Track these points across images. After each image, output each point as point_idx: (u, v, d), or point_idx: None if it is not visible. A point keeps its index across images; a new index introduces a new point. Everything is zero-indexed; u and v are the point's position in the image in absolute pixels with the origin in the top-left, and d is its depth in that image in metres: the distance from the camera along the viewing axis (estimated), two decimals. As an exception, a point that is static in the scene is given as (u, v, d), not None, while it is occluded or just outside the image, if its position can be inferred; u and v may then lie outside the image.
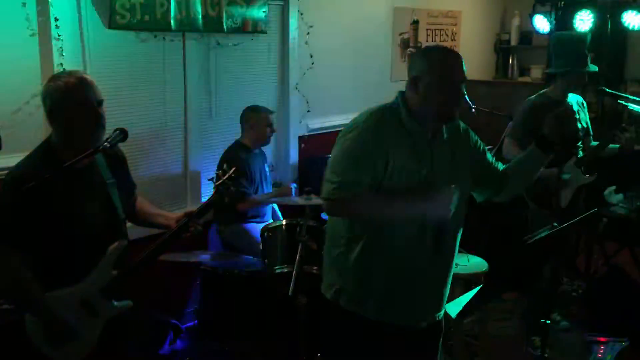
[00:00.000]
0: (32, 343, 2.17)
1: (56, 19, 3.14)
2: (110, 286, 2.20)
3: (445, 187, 1.97)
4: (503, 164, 2.29)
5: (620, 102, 3.75)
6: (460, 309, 1.79)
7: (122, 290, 2.26)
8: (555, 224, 1.94)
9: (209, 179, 2.46)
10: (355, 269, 2.12)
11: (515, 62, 6.51)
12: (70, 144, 2.12)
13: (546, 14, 5.24)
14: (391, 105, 2.13)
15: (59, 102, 2.10)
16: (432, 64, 2.04)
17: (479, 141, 2.31)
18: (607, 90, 3.83)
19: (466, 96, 4.72)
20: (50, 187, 2.04)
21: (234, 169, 2.45)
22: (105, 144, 2.04)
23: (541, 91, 3.86)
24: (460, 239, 2.22)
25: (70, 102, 2.10)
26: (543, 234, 1.75)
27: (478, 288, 1.78)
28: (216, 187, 2.39)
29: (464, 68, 2.09)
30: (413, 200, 1.96)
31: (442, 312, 2.23)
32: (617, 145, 3.71)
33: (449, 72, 2.05)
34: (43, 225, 2.08)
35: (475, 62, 6.36)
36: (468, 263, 3.41)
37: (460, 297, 1.93)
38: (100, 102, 2.15)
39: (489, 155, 2.31)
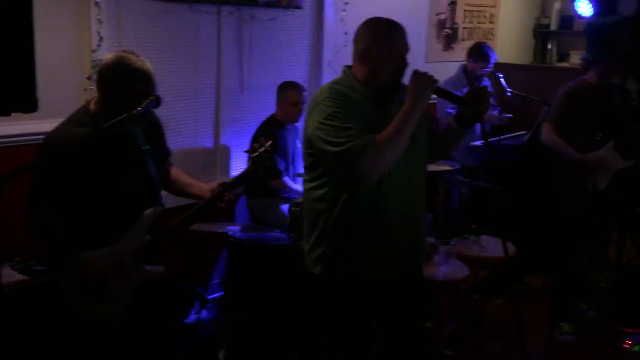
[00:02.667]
0: (65, 301, 2.23)
1: (94, -14, 3.17)
2: (143, 250, 2.25)
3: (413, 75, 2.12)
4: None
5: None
6: (486, 288, 1.77)
7: (154, 255, 2.30)
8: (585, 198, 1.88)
9: (245, 151, 2.47)
10: (342, 239, 2.19)
11: (554, 47, 6.36)
12: (111, 116, 2.14)
13: (589, -3, 5.10)
14: (341, 79, 2.24)
15: (125, 89, 2.12)
16: (379, 38, 2.16)
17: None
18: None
19: (502, 79, 4.66)
20: (87, 149, 2.08)
21: (270, 142, 2.46)
22: (139, 109, 2.06)
23: (580, 77, 3.81)
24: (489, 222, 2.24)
25: (138, 94, 2.12)
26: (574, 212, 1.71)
27: (503, 269, 1.76)
28: (252, 159, 2.40)
29: (406, 39, 2.21)
30: (406, 106, 2.08)
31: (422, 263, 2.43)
32: None
33: (395, 45, 2.16)
34: (79, 187, 2.12)
35: (513, 46, 6.24)
36: (495, 245, 3.38)
37: (485, 278, 1.91)
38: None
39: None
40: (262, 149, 2.42)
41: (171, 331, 3.33)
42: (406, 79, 2.20)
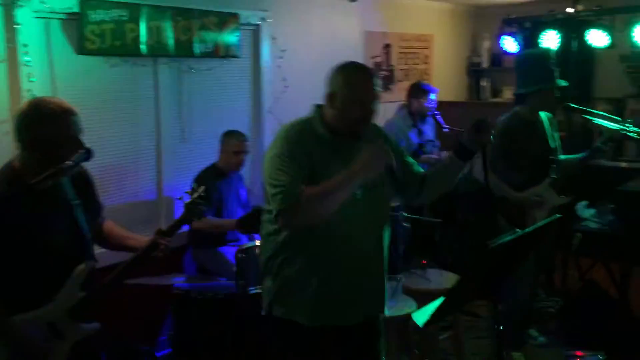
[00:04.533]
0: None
1: (25, 45, 3.14)
2: (77, 308, 2.16)
3: (368, 147, 2.09)
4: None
5: (587, 117, 3.80)
6: (428, 318, 1.80)
7: (90, 312, 2.22)
8: (518, 230, 1.96)
9: (178, 198, 2.45)
10: (286, 277, 2.20)
11: (487, 84, 6.63)
12: (47, 168, 2.07)
13: (513, 34, 5.36)
14: (308, 118, 2.26)
15: (54, 130, 2.06)
16: (347, 83, 2.16)
17: (396, 144, 2.46)
18: (573, 105, 3.88)
19: (439, 117, 4.81)
20: (13, 207, 2.01)
21: (203, 187, 2.45)
22: (69, 162, 2.02)
23: (513, 110, 3.81)
24: (435, 256, 2.26)
25: (68, 132, 2.08)
26: (505, 240, 1.77)
27: (443, 298, 1.79)
28: (186, 205, 2.38)
29: (376, 87, 2.19)
30: (350, 172, 2.06)
31: (378, 311, 2.35)
32: (577, 156, 3.75)
33: (361, 92, 2.16)
34: (6, 246, 2.04)
35: (448, 85, 6.46)
36: (441, 278, 3.43)
37: (426, 307, 1.94)
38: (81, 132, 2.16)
39: (409, 158, 2.44)
40: (195, 195, 2.41)
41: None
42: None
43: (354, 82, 2.16)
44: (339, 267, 2.17)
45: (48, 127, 2.06)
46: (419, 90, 4.72)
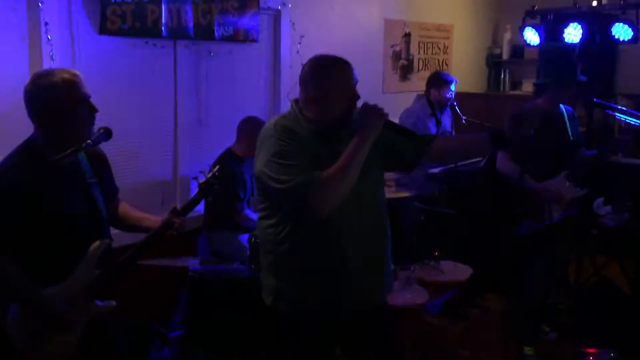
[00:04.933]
0: (12, 345, 2.14)
1: (47, 24, 3.16)
2: (93, 286, 2.18)
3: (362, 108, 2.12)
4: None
5: (608, 111, 3.76)
6: (440, 309, 1.79)
7: (105, 290, 2.24)
8: (535, 222, 1.95)
9: (193, 178, 2.47)
10: (290, 270, 2.18)
11: (507, 76, 6.56)
12: (63, 141, 2.09)
13: (536, 26, 5.29)
14: (288, 115, 2.23)
15: (59, 99, 2.07)
16: (326, 82, 2.13)
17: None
18: (595, 100, 3.84)
19: (457, 107, 4.78)
20: (33, 185, 2.03)
21: (217, 167, 2.46)
22: (89, 141, 2.03)
23: (533, 102, 3.83)
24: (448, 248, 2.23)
25: (72, 98, 2.09)
26: (522, 234, 1.76)
27: (456, 290, 1.79)
28: (200, 186, 2.39)
29: (354, 72, 2.20)
30: (356, 140, 2.06)
31: (384, 293, 2.32)
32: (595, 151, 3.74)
33: (343, 83, 2.16)
34: (25, 223, 2.06)
35: (467, 76, 6.41)
36: (454, 270, 3.43)
37: (439, 298, 1.94)
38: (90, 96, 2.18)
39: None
40: (209, 175, 2.42)
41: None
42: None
43: (335, 78, 2.14)
44: (340, 251, 2.16)
45: (56, 94, 2.06)
46: (439, 80, 4.69)
